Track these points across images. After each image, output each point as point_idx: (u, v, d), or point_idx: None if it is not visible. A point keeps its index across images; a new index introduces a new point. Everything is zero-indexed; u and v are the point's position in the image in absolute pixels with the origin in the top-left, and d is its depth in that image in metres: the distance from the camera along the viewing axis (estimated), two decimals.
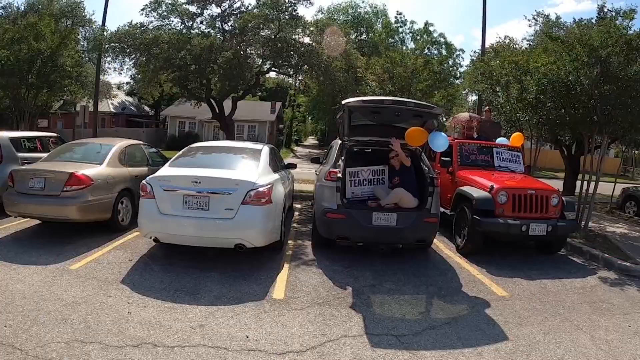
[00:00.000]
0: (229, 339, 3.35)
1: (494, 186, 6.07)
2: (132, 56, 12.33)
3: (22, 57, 10.60)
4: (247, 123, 32.15)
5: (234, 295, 4.22)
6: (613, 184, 10.53)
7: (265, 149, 6.27)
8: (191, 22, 13.04)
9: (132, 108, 36.19)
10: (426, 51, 30.82)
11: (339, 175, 5.56)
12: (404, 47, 31.70)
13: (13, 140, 7.47)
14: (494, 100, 11.46)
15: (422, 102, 6.60)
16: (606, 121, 7.13)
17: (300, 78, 13.93)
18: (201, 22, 13.18)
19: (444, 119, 14.92)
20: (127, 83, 28.37)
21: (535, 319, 4.16)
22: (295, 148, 37.27)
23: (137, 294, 4.11)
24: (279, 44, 11.76)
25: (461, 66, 29.77)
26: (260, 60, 12.64)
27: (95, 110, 13.17)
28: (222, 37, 12.58)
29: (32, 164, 6.38)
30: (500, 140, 8.21)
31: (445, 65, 16.79)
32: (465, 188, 6.51)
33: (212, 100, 14.25)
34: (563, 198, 6.31)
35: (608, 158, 20.85)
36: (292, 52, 11.82)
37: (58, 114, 20.76)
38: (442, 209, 7.42)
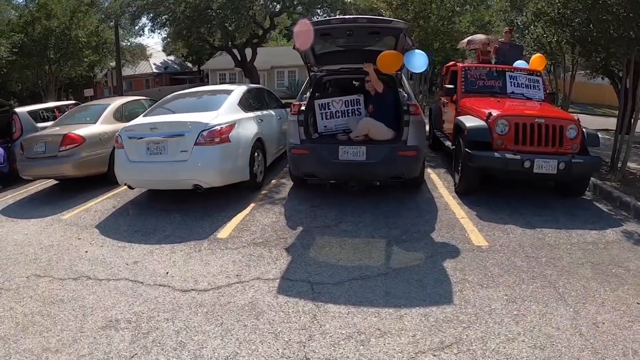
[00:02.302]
0: (149, 275, 3.65)
1: (492, 113, 5.26)
2: (144, 17, 12.73)
3: (35, 37, 11.40)
4: (287, 69, 31.81)
5: (182, 234, 4.53)
6: None
7: (238, 90, 6.35)
8: None
9: (175, 66, 37.51)
10: None
11: (302, 108, 5.35)
12: None
13: (31, 112, 8.36)
14: (515, 20, 10.27)
15: (378, 17, 6.03)
16: None
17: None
18: None
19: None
20: (166, 43, 29.32)
21: (506, 279, 3.28)
22: None
23: (102, 236, 4.65)
24: None
25: None
26: (262, 2, 12.33)
27: (119, 75, 14.16)
28: None
29: (37, 132, 7.16)
30: (519, 63, 7.22)
31: None
32: (462, 117, 5.80)
33: (233, 49, 14.37)
34: (584, 130, 5.26)
35: None
36: None
37: (103, 82, 22.34)
38: (447, 143, 7.02)
